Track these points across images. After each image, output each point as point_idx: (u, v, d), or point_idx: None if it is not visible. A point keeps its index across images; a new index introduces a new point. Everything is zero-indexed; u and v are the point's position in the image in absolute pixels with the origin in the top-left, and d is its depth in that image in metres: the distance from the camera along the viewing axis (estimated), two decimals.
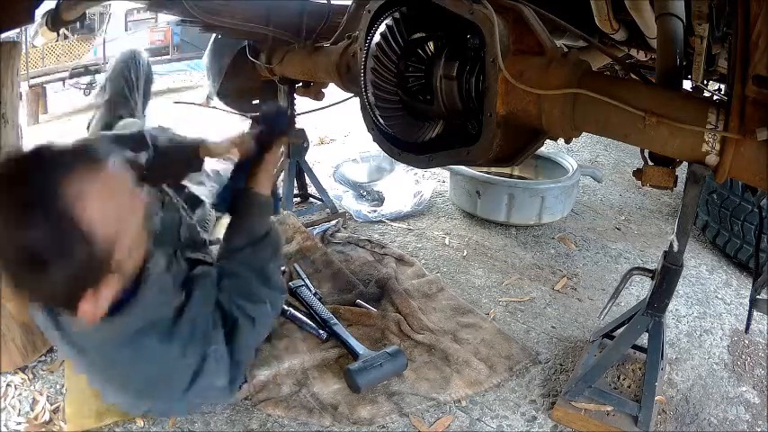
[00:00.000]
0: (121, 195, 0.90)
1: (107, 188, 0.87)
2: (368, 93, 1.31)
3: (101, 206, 0.85)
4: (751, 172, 0.96)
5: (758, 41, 0.85)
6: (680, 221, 1.16)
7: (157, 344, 1.02)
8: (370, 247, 2.07)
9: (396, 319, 1.62)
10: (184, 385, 1.06)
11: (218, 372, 1.09)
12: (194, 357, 1.05)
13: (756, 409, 1.45)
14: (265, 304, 1.21)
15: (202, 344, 1.06)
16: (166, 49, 8.25)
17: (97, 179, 0.85)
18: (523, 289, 1.90)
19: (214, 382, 1.10)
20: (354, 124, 3.60)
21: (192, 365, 1.05)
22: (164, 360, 1.04)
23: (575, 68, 1.08)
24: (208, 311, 1.11)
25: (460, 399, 1.38)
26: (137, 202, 0.94)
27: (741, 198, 2.05)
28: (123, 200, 0.91)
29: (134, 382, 1.10)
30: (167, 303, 1.05)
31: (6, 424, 1.23)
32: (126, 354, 1.01)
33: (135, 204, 0.93)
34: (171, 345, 1.03)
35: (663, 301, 1.24)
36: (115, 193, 0.89)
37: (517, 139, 1.23)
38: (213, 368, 1.07)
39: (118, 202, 0.89)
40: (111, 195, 0.88)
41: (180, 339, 1.04)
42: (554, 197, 2.24)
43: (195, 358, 1.05)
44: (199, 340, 1.06)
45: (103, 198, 0.86)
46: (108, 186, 0.87)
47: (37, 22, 1.71)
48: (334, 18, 1.85)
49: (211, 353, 1.07)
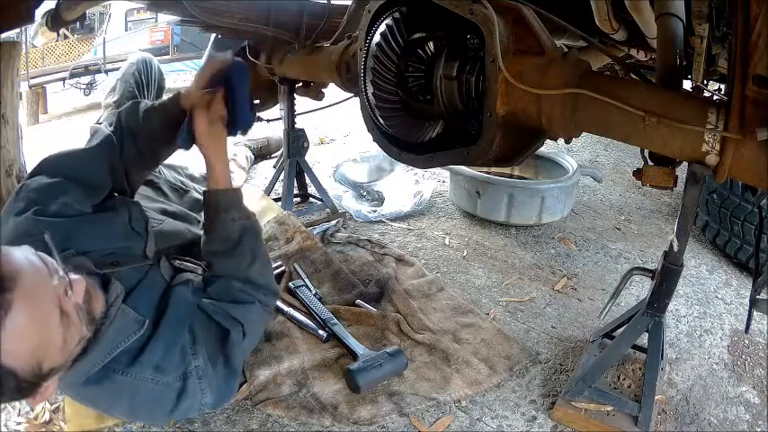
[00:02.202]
0: (41, 315, 0.83)
1: (23, 322, 0.79)
2: (368, 93, 1.30)
3: (19, 343, 0.79)
4: (751, 172, 0.96)
5: (758, 41, 0.85)
6: (680, 221, 1.16)
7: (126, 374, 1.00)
8: (370, 247, 2.07)
9: (396, 319, 1.62)
10: (169, 407, 1.04)
11: (203, 389, 1.07)
12: (173, 378, 1.03)
13: (756, 409, 1.45)
14: (254, 304, 1.19)
15: (181, 363, 1.04)
16: (166, 49, 8.23)
17: (10, 318, 0.78)
18: (523, 289, 1.90)
19: (200, 400, 1.08)
20: (354, 124, 3.61)
21: (174, 387, 1.03)
22: (137, 387, 1.01)
23: (575, 68, 1.08)
24: (183, 328, 1.07)
25: (460, 399, 1.38)
26: (64, 301, 0.86)
27: (741, 198, 2.05)
28: (44, 319, 0.83)
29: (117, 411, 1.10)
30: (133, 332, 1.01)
31: (6, 424, 1.23)
32: (96, 390, 1.00)
33: (63, 306, 0.86)
34: (142, 370, 1.01)
35: (663, 301, 1.24)
36: (33, 321, 0.81)
37: (517, 139, 1.23)
38: (196, 387, 1.05)
39: (38, 327, 0.82)
40: (29, 325, 0.81)
41: (151, 363, 1.01)
42: (554, 197, 2.24)
43: (174, 379, 1.03)
44: (176, 360, 1.03)
45: (20, 334, 0.79)
46: (24, 318, 0.79)
47: (37, 22, 1.72)
48: (334, 18, 1.85)
49: (192, 371, 1.04)
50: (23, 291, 0.80)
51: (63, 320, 0.86)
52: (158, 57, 7.71)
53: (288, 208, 2.23)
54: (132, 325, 1.02)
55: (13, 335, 0.78)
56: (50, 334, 0.84)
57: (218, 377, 1.11)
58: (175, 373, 1.03)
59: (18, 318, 0.79)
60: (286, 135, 2.29)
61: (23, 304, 0.80)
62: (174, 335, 1.05)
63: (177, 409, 1.05)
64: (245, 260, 1.21)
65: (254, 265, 1.21)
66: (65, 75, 7.02)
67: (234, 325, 1.13)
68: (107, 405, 1.07)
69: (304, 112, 2.27)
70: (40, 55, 7.83)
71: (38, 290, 0.83)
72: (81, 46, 8.73)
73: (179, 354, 1.04)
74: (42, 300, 0.84)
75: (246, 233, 1.23)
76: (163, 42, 8.33)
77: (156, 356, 1.02)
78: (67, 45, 8.60)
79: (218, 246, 1.22)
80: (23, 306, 0.80)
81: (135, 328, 1.01)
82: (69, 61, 7.90)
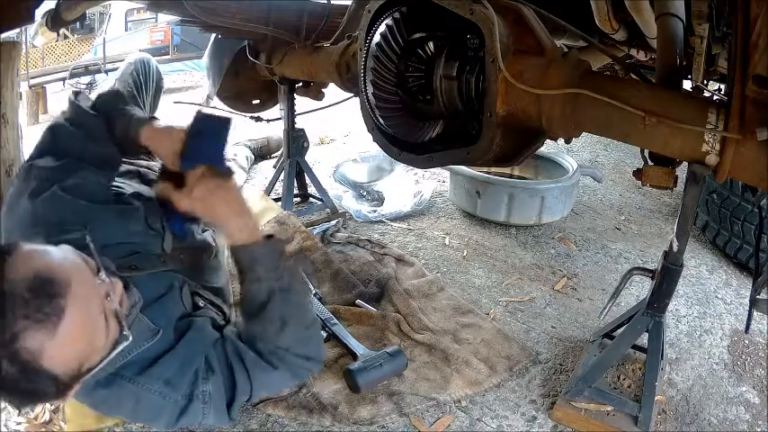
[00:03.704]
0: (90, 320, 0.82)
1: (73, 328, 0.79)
2: (368, 93, 1.30)
3: (68, 349, 0.79)
4: (751, 172, 0.96)
5: (758, 41, 0.85)
6: (680, 221, 1.16)
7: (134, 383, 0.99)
8: (370, 247, 2.07)
9: (396, 319, 1.62)
10: (168, 421, 1.03)
11: (206, 414, 1.05)
12: (180, 395, 1.01)
13: (756, 409, 1.45)
14: (277, 370, 1.07)
15: (191, 383, 1.02)
16: (166, 49, 8.24)
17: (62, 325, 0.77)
18: (523, 289, 1.90)
19: (200, 421, 1.06)
20: (354, 124, 3.60)
21: (179, 404, 1.02)
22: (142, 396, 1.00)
23: (575, 68, 1.08)
24: (201, 353, 1.04)
25: (460, 399, 1.38)
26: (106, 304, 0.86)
27: (741, 198, 2.05)
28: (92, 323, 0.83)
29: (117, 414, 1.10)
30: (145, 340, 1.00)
31: (6, 424, 1.23)
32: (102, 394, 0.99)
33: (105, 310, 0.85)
34: (151, 381, 1.00)
35: (663, 301, 1.24)
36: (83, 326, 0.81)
37: (517, 139, 1.23)
38: (199, 409, 1.03)
39: (87, 331, 0.82)
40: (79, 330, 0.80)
41: (162, 376, 1.00)
42: (554, 197, 2.24)
43: (181, 397, 1.02)
44: (188, 380, 1.02)
45: (70, 339, 0.79)
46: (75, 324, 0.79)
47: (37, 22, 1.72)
48: (334, 18, 1.85)
49: (199, 394, 1.03)
50: (75, 296, 0.79)
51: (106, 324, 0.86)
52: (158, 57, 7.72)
53: (288, 208, 2.23)
54: (146, 332, 1.00)
55: (63, 341, 0.78)
56: (96, 339, 0.84)
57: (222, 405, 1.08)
58: (183, 392, 1.02)
59: (70, 324, 0.78)
60: (286, 135, 2.29)
61: (75, 310, 0.79)
62: (191, 355, 1.03)
63: (175, 424, 1.04)
64: (272, 326, 1.07)
65: (283, 332, 1.07)
66: (65, 75, 7.04)
67: (243, 384, 1.06)
68: (108, 408, 1.06)
69: (304, 112, 2.27)
70: (40, 55, 7.84)
71: (88, 295, 0.82)
72: (81, 46, 8.74)
73: (192, 374, 1.02)
74: (92, 304, 0.83)
75: (274, 296, 1.07)
76: (163, 42, 8.34)
77: (169, 371, 1.01)
78: (67, 45, 8.61)
79: (245, 305, 1.10)
80: (75, 312, 0.79)
81: (148, 336, 1.00)
82: (69, 61, 7.91)
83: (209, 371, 1.04)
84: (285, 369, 1.08)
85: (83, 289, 0.82)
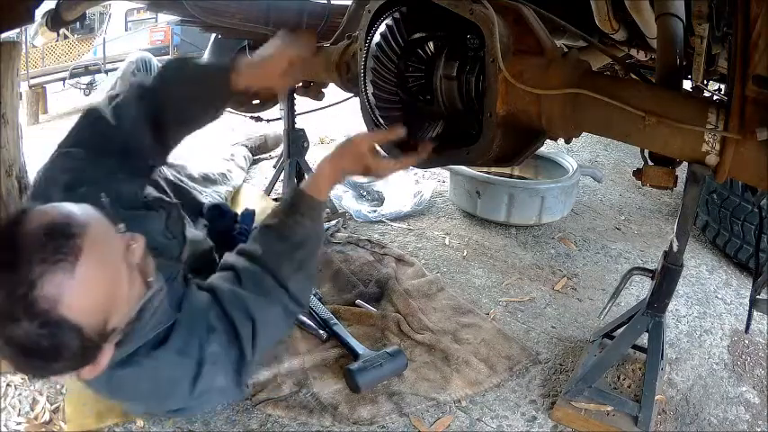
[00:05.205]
0: (110, 266, 0.81)
1: (92, 271, 0.77)
2: (368, 93, 1.30)
3: (89, 294, 0.77)
4: (751, 172, 0.96)
5: (758, 41, 0.84)
6: (680, 221, 1.16)
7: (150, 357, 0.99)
8: (370, 247, 2.07)
9: (396, 319, 1.62)
10: (186, 390, 1.04)
11: (216, 373, 1.06)
12: (193, 361, 1.03)
13: (756, 409, 1.45)
14: (276, 307, 1.12)
15: (199, 348, 1.03)
16: (166, 49, 8.24)
17: (80, 264, 0.75)
18: (523, 289, 1.90)
19: (214, 384, 1.07)
20: (354, 124, 3.60)
21: (192, 370, 1.03)
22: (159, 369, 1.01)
23: (575, 68, 1.08)
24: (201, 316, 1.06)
25: (460, 399, 1.38)
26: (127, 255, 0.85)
27: (741, 198, 2.05)
28: (113, 270, 0.81)
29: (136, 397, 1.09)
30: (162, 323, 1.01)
31: (6, 424, 1.23)
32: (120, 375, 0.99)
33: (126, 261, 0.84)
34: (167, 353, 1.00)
35: (663, 301, 1.24)
36: (103, 271, 0.79)
37: (517, 140, 1.23)
38: (210, 372, 1.05)
39: (107, 278, 0.80)
40: (99, 275, 0.78)
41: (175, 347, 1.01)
42: (554, 197, 2.24)
43: (191, 364, 1.03)
44: (196, 344, 1.03)
45: (90, 283, 0.77)
46: (94, 267, 0.77)
47: (37, 22, 1.72)
48: (334, 18, 1.85)
49: (207, 356, 1.04)
50: (92, 237, 0.77)
51: (129, 276, 0.84)
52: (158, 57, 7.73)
53: None
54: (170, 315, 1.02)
55: (82, 284, 0.75)
56: (118, 287, 0.82)
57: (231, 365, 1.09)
58: (194, 357, 1.02)
59: (88, 265, 0.75)
60: (286, 135, 2.29)
61: (93, 251, 0.76)
62: (193, 321, 1.04)
63: (191, 393, 1.04)
64: (291, 265, 1.14)
65: (297, 274, 1.15)
66: (65, 75, 7.03)
67: (244, 323, 1.08)
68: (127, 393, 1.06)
69: (304, 112, 2.27)
70: (40, 55, 7.85)
71: (106, 239, 0.80)
72: (81, 46, 8.75)
73: (197, 339, 1.03)
74: (111, 250, 0.80)
75: (307, 243, 1.17)
76: (163, 42, 8.34)
77: (179, 341, 1.01)
78: (67, 45, 8.62)
79: (274, 241, 1.15)
80: (93, 253, 0.76)
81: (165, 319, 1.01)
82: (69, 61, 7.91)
83: (211, 331, 1.04)
84: (281, 306, 1.12)
85: (101, 233, 0.80)
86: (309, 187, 1.21)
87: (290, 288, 1.13)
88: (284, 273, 1.13)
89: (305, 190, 1.20)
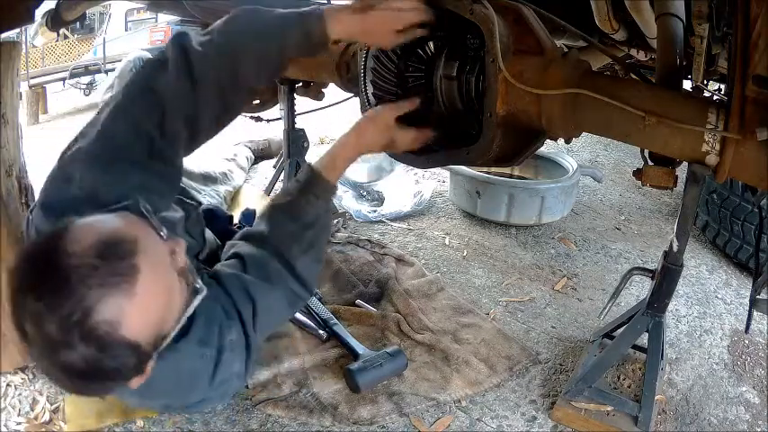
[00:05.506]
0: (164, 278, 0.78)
1: (149, 287, 0.75)
2: (368, 93, 1.30)
3: (147, 311, 0.75)
4: (751, 172, 0.96)
5: (758, 41, 0.84)
6: (680, 221, 1.16)
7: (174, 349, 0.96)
8: (370, 247, 2.07)
9: (396, 319, 1.62)
10: (207, 381, 1.03)
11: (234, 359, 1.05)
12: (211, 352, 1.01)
13: (756, 409, 1.45)
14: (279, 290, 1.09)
15: (219, 336, 1.02)
16: None
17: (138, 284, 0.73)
18: (523, 289, 1.90)
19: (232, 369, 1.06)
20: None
21: (213, 358, 1.01)
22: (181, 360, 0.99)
23: (575, 68, 1.08)
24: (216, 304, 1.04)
25: (460, 399, 1.38)
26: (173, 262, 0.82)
27: (741, 198, 2.05)
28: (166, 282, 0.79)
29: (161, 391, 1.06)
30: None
31: (6, 424, 1.23)
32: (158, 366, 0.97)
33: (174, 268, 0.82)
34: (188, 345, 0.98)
35: (663, 301, 1.24)
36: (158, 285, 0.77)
37: (517, 140, 1.22)
38: (228, 359, 1.03)
39: (163, 291, 0.78)
40: (156, 290, 0.76)
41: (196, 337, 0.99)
42: (554, 197, 2.24)
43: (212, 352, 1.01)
44: (215, 333, 1.02)
45: (148, 301, 0.75)
46: (150, 283, 0.75)
47: (37, 22, 1.71)
48: None
49: (226, 344, 1.03)
50: (144, 252, 0.75)
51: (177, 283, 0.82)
52: None
53: None
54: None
55: (141, 303, 0.73)
56: (171, 298, 0.80)
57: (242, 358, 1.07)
58: (215, 345, 1.01)
59: (145, 283, 0.73)
60: (286, 135, 2.28)
61: (148, 267, 0.74)
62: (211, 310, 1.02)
63: (211, 383, 1.02)
64: (299, 246, 1.11)
65: (305, 255, 1.12)
66: (65, 75, 7.04)
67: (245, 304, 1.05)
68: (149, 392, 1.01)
69: (304, 112, 2.27)
70: (40, 55, 7.85)
71: (157, 251, 0.78)
72: (81, 46, 8.75)
73: (217, 327, 1.02)
74: (161, 259, 0.79)
75: (317, 224, 1.14)
76: (163, 42, 8.32)
77: (200, 331, 0.99)
78: (67, 45, 8.62)
79: (284, 220, 1.12)
80: (148, 269, 0.74)
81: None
82: (69, 61, 7.91)
83: (229, 318, 1.03)
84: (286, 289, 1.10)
85: (151, 246, 0.78)
86: (326, 166, 1.16)
87: (297, 268, 1.10)
88: (293, 253, 1.10)
89: (320, 171, 1.15)
